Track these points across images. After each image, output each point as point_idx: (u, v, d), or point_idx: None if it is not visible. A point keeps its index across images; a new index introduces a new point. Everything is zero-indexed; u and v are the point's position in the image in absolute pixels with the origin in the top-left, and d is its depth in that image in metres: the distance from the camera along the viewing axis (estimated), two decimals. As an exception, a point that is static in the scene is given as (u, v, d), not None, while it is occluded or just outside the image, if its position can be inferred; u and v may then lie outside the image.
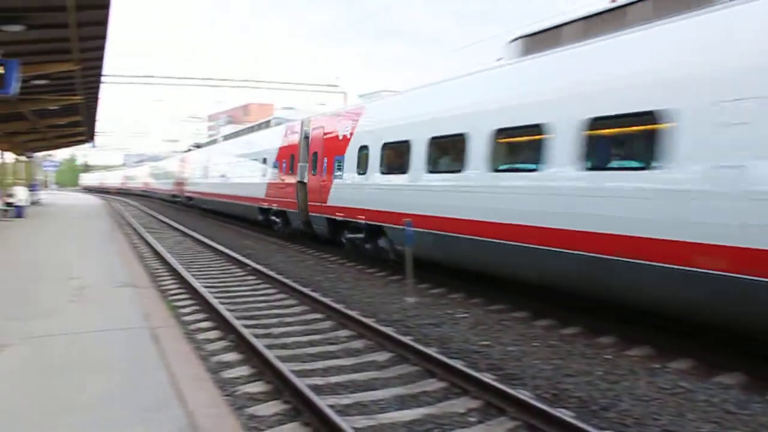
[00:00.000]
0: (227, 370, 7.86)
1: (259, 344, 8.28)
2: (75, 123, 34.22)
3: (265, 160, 21.67)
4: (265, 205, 21.69)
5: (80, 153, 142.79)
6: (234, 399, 6.86)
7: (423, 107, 11.96)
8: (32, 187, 47.64)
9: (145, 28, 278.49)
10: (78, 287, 11.04)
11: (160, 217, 35.67)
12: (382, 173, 13.42)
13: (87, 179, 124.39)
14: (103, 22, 13.62)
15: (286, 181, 19.44)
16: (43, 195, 62.04)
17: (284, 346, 8.97)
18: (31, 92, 21.83)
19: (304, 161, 18.14)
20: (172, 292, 12.89)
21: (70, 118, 31.07)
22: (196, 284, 12.75)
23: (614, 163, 8.01)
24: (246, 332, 8.92)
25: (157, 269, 15.95)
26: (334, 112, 16.87)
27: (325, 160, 16.28)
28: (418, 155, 11.86)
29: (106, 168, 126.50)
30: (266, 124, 24.42)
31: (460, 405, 6.78)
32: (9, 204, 32.53)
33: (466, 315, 10.67)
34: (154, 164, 59.53)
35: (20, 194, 31.84)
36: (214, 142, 34.85)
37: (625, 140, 8.09)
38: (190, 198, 35.31)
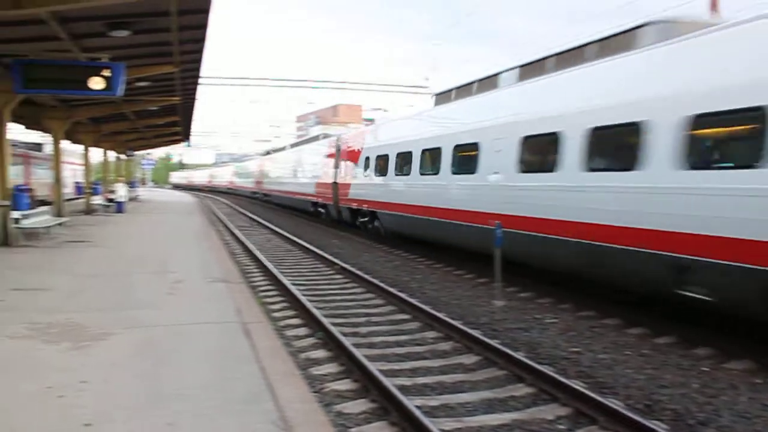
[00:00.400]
0: (315, 366, 8.04)
1: (347, 342, 8.42)
2: (172, 123, 35.65)
3: (314, 166, 28.71)
4: (314, 200, 28.43)
5: (175, 152, 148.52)
6: (322, 396, 7.01)
7: (390, 134, 18.76)
8: (131, 184, 50.04)
9: (240, 31, 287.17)
10: (174, 281, 11.52)
11: (250, 214, 36.70)
12: (376, 176, 19.45)
13: (176, 177, 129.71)
14: (203, 26, 14.15)
15: (326, 182, 26.04)
16: (141, 192, 64.98)
17: (372, 345, 9.08)
18: (134, 93, 22.88)
19: (336, 167, 24.51)
20: (262, 288, 13.25)
21: (168, 118, 32.39)
22: (286, 281, 13.07)
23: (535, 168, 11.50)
24: (334, 330, 9.08)
25: (248, 266, 16.43)
26: (356, 131, 23.44)
27: (347, 166, 22.68)
28: (391, 164, 18.27)
29: (197, 167, 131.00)
30: (315, 139, 31.86)
31: (548, 412, 6.68)
32: (110, 200, 34.28)
33: (555, 320, 10.51)
34: (238, 164, 68.11)
35: (121, 191, 33.47)
36: (282, 149, 42.49)
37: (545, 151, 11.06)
38: (266, 195, 42.85)
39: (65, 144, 30.28)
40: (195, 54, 17.13)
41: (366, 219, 20.97)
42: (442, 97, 15.88)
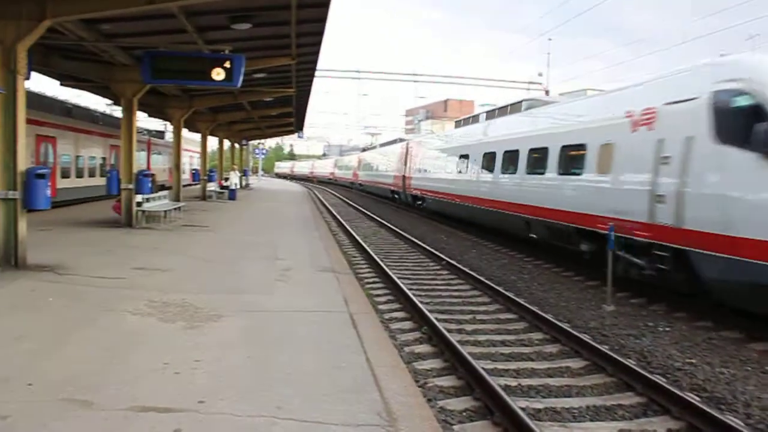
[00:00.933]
0: (420, 361, 8.08)
1: (452, 339, 8.42)
2: (286, 114, 36.63)
3: (392, 163, 38.14)
4: (392, 188, 37.56)
5: (287, 142, 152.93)
6: (426, 390, 7.04)
7: (425, 147, 29.39)
8: (244, 172, 51.85)
9: (353, 25, 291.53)
10: (284, 268, 11.87)
11: (357, 206, 37.27)
12: (420, 173, 29.30)
13: (280, 167, 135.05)
14: (322, 20, 14.46)
15: (400, 175, 35.09)
16: (252, 180, 67.14)
17: (477, 344, 9.03)
18: (251, 84, 23.70)
19: (405, 164, 33.51)
20: (369, 279, 13.44)
21: (282, 108, 33.29)
22: (392, 274, 13.19)
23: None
24: (440, 326, 9.09)
25: (355, 257, 16.70)
26: (415, 140, 33.52)
27: (410, 163, 32.14)
28: (429, 165, 27.57)
29: (305, 158, 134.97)
30: (394, 142, 43.74)
31: (659, 424, 6.43)
32: (224, 187, 35.65)
33: (668, 329, 10.08)
34: (338, 158, 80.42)
35: (234, 178, 34.73)
36: (373, 148, 57.00)
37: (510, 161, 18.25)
38: (361, 184, 53.64)
39: (184, 132, 31.74)
40: (312, 47, 17.52)
41: (419, 202, 30.29)
42: (458, 124, 26.45)
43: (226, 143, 46.87)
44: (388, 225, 25.05)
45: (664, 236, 10.48)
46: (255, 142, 68.20)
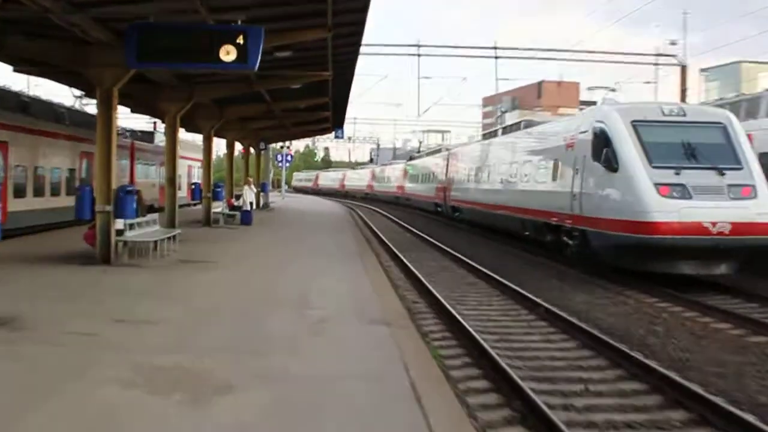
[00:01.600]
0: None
1: (556, 420, 8.24)
2: (319, 106, 37.04)
3: (435, 174, 49.28)
4: (436, 200, 47.20)
5: (320, 144, 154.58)
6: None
7: (461, 158, 42.10)
8: (262, 187, 52.46)
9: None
10: (318, 320, 11.84)
11: (415, 230, 37.35)
12: (456, 184, 41.78)
13: (300, 179, 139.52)
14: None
15: (441, 187, 45.89)
16: (274, 197, 67.88)
17: (591, 425, 8.81)
18: (272, 67, 24.03)
19: (446, 175, 43.92)
20: (437, 335, 13.39)
21: (315, 99, 33.68)
22: (468, 326, 13.11)
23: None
24: (538, 401, 8.91)
25: (417, 302, 16.71)
26: (457, 149, 43.67)
27: (451, 174, 41.96)
28: (462, 176, 40.70)
29: (338, 165, 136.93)
30: (438, 151, 54.77)
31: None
32: (234, 207, 36.08)
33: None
34: (377, 168, 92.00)
35: (248, 196, 35.11)
36: (420, 156, 67.85)
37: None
38: (408, 198, 63.15)
39: (181, 133, 32.27)
40: (356, 14, 17.53)
41: (458, 213, 40.58)
42: (485, 137, 39.11)
43: (237, 147, 47.59)
44: (456, 255, 25.33)
45: (576, 222, 21.35)
46: (277, 145, 69.04)
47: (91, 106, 38.14)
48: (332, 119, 44.80)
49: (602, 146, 20.20)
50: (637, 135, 19.77)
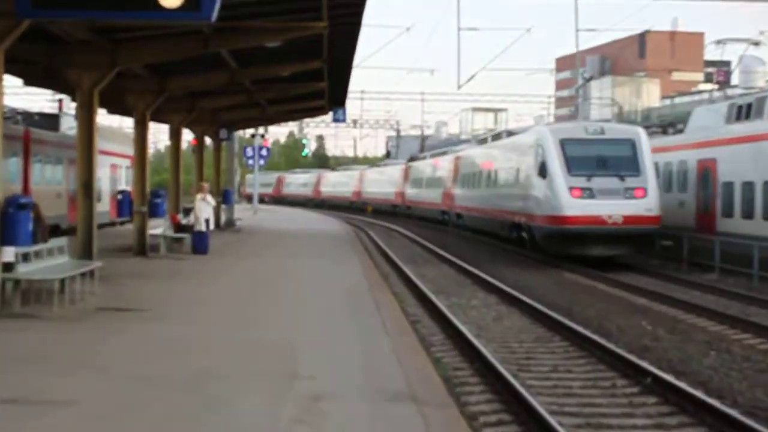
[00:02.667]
0: None
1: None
2: (310, 74, 37.12)
3: (442, 178, 69.07)
4: (443, 208, 66.05)
5: (313, 130, 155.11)
6: None
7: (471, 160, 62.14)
8: (224, 196, 52.35)
9: None
10: (310, 397, 11.79)
11: (449, 256, 38.47)
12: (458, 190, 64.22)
13: (267, 182, 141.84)
14: None
15: (448, 193, 64.46)
16: (243, 210, 67.87)
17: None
18: (237, 16, 24.05)
19: (454, 181, 63.74)
20: (491, 418, 13.33)
21: (303, 64, 33.74)
22: (537, 405, 13.11)
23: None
24: None
25: (459, 367, 16.78)
26: (463, 153, 63.69)
27: (455, 180, 64.09)
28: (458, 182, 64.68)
29: (339, 162, 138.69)
30: (444, 153, 72.91)
31: None
32: (182, 227, 35.97)
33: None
34: (373, 170, 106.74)
35: (203, 211, 34.87)
36: (424, 158, 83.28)
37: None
38: (408, 207, 79.32)
39: (101, 116, 32.35)
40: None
41: (461, 221, 57.83)
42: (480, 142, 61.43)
43: (187, 137, 47.85)
44: (507, 291, 26.60)
45: (528, 220, 39.81)
46: (245, 132, 69.28)
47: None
48: (329, 94, 44.89)
49: (539, 159, 37.18)
50: (563, 150, 36.60)
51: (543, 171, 37.41)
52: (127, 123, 38.27)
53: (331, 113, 59.68)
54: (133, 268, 27.94)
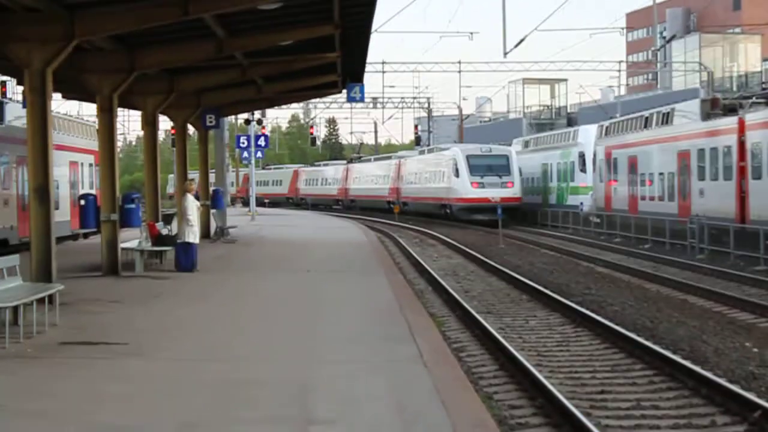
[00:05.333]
0: None
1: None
2: (318, 43, 37.19)
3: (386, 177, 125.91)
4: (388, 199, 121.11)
5: (322, 113, 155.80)
6: None
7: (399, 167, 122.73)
8: (214, 198, 52.24)
9: None
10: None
11: (499, 266, 38.57)
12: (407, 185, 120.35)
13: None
14: None
15: (393, 187, 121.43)
16: (236, 215, 67.92)
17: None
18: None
19: (398, 178, 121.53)
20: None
21: (309, 29, 33.77)
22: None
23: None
24: None
25: (516, 405, 16.80)
26: (404, 160, 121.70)
27: (402, 177, 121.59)
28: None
29: (343, 153, 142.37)
30: (389, 158, 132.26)
31: None
32: (161, 239, 35.92)
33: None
34: (360, 165, 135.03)
35: (191, 218, 34.78)
36: (368, 160, 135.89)
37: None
38: (405, 203, 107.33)
39: (55, 103, 32.37)
40: None
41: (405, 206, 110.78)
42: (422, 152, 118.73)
43: (163, 125, 47.84)
44: (588, 315, 26.16)
45: (449, 201, 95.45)
46: (237, 119, 69.28)
47: None
48: (342, 67, 44.90)
49: (455, 166, 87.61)
50: (467, 161, 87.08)
51: (457, 173, 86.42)
52: (87, 110, 38.02)
53: (344, 91, 59.02)
54: (103, 292, 28.05)
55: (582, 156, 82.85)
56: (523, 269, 42.39)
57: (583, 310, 28.27)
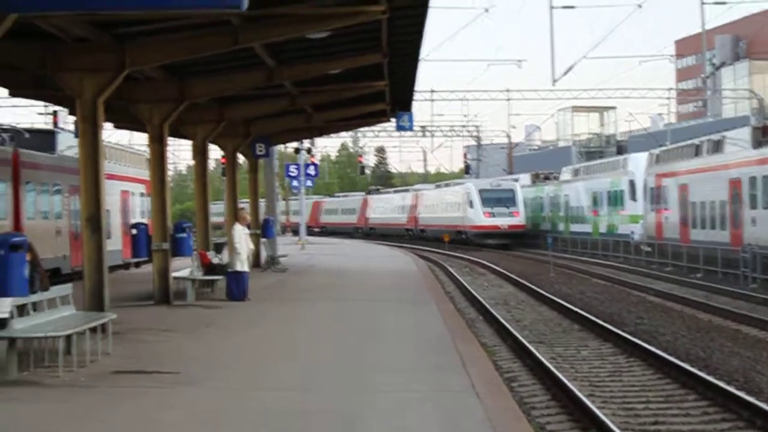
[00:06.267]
0: None
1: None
2: (367, 72, 37.18)
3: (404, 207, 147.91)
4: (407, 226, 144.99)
5: (371, 142, 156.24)
6: None
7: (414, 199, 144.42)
8: (264, 227, 52.15)
9: None
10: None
11: (550, 295, 37.95)
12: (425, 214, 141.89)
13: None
14: None
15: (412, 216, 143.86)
16: (286, 244, 67.94)
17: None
18: (273, 2, 24.23)
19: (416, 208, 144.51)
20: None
21: (355, 59, 33.81)
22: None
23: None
24: None
25: None
26: (422, 192, 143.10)
27: (419, 208, 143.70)
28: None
29: (392, 181, 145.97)
30: (406, 190, 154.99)
31: None
32: (213, 268, 35.91)
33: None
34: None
35: (241, 246, 34.73)
36: (386, 192, 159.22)
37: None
38: (423, 230, 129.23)
39: (106, 132, 32.54)
40: None
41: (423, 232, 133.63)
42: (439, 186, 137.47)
43: (213, 154, 47.97)
44: (638, 343, 25.87)
45: (465, 228, 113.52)
46: (286, 147, 69.31)
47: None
48: (391, 96, 44.89)
49: (469, 198, 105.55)
50: (480, 194, 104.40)
51: (471, 204, 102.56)
52: (137, 139, 38.21)
53: (393, 120, 58.79)
54: (155, 320, 28.15)
55: (632, 184, 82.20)
56: (574, 298, 42.78)
57: (636, 339, 28.40)
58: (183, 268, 35.77)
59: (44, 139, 47.99)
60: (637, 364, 25.03)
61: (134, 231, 45.46)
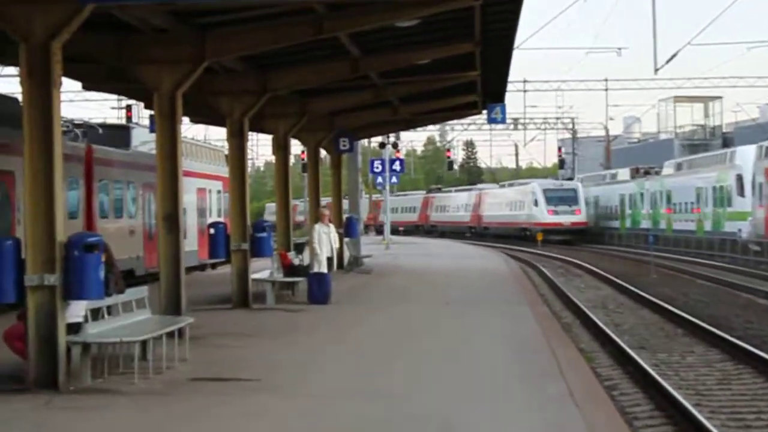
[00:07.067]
0: None
1: None
2: (454, 61, 37.21)
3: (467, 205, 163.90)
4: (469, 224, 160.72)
5: (459, 135, 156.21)
6: None
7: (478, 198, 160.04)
8: (348, 226, 52.01)
9: None
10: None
11: (651, 297, 37.91)
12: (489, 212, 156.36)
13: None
14: None
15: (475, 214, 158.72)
16: (369, 244, 68.01)
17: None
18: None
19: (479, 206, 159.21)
20: None
21: (445, 48, 33.85)
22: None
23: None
24: None
25: None
26: (493, 191, 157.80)
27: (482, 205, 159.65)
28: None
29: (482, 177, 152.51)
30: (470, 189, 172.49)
31: None
32: (294, 269, 35.95)
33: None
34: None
35: (323, 246, 34.71)
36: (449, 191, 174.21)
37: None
38: (486, 227, 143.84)
39: (184, 125, 32.70)
40: None
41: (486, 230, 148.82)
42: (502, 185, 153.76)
43: (294, 149, 48.08)
44: (751, 350, 26.18)
45: (530, 226, 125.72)
46: (370, 142, 69.41)
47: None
48: (482, 86, 44.83)
49: (534, 197, 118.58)
50: (544, 193, 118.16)
51: (536, 203, 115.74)
52: (214, 134, 38.22)
53: (484, 112, 58.37)
54: (234, 325, 28.39)
55: (740, 179, 79.10)
56: (678, 301, 42.26)
57: (745, 345, 27.95)
58: (262, 269, 35.86)
59: (118, 134, 48.17)
60: (747, 372, 24.81)
61: (212, 230, 45.44)
